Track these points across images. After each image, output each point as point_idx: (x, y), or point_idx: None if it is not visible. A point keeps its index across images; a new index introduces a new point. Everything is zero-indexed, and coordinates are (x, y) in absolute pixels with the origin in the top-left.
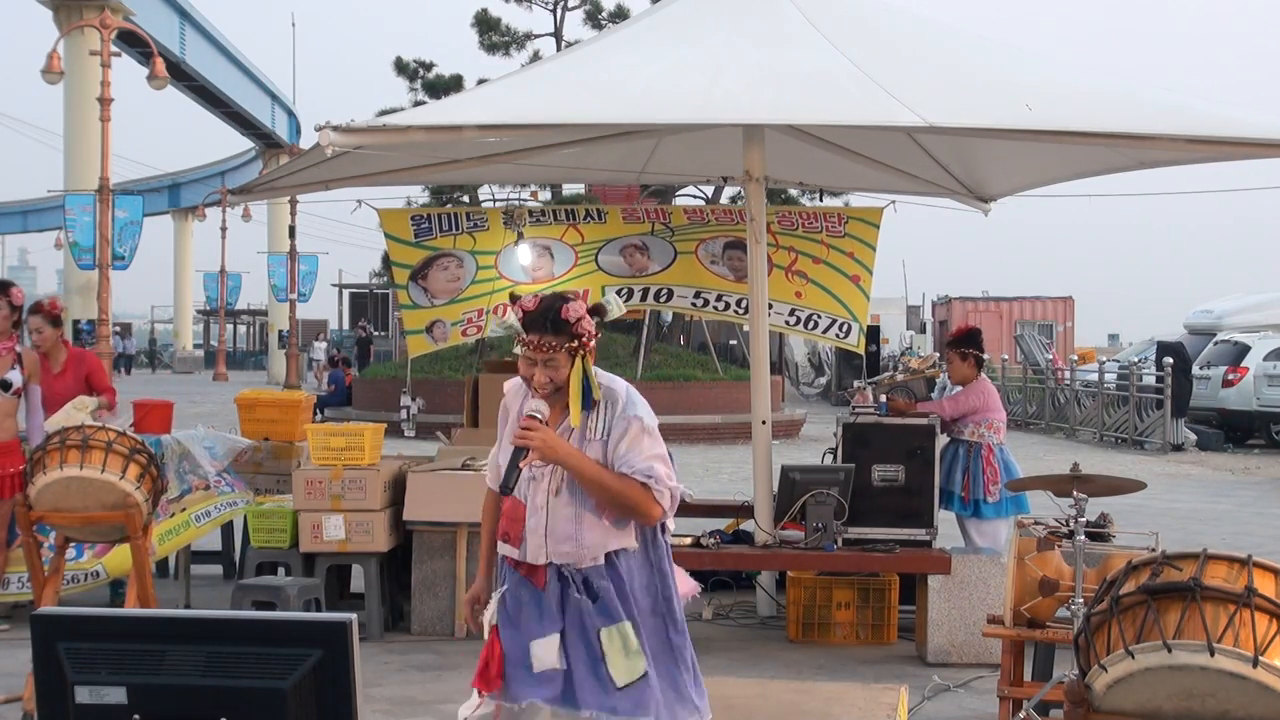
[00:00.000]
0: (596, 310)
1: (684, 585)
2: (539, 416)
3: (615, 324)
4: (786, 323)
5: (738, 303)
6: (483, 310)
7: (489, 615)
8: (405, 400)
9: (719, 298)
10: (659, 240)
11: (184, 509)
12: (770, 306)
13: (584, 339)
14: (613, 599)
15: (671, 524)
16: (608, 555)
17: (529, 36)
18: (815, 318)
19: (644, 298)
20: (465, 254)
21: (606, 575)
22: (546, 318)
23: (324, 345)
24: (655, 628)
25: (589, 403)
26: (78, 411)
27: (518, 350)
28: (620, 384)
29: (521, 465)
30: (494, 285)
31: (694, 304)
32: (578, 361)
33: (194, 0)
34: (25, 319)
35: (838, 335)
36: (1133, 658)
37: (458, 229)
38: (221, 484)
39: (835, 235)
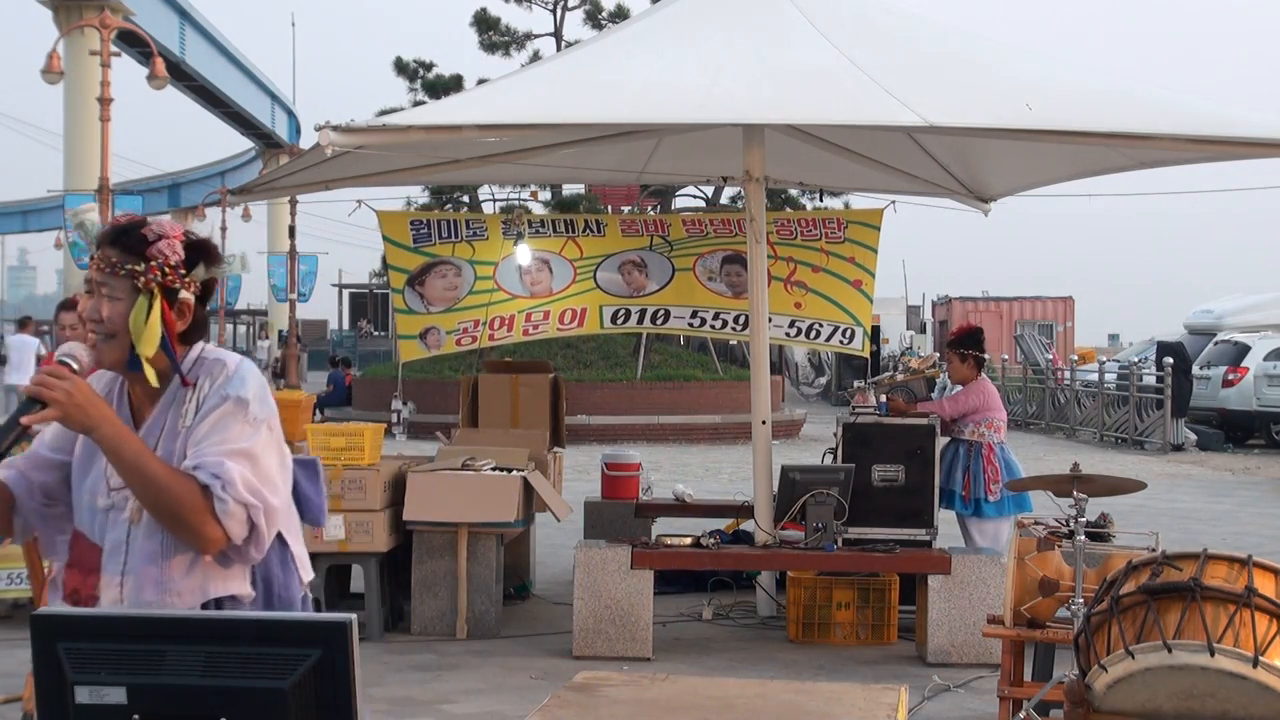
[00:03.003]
0: (201, 250)
1: None
2: (71, 364)
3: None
4: (786, 334)
5: (735, 319)
6: (479, 321)
7: None
8: (396, 404)
9: (716, 316)
10: (657, 255)
11: None
12: (769, 320)
13: (153, 265)
14: None
15: (306, 574)
16: (206, 607)
17: (529, 36)
18: (816, 327)
19: (641, 320)
20: (464, 263)
21: None
22: (120, 232)
23: (268, 345)
24: None
25: (167, 349)
26: None
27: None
28: (234, 359)
29: (25, 422)
30: (491, 297)
31: (691, 324)
32: (141, 301)
33: (194, 0)
34: (57, 316)
35: (841, 342)
36: (1133, 658)
37: (457, 236)
38: None
39: (835, 241)
